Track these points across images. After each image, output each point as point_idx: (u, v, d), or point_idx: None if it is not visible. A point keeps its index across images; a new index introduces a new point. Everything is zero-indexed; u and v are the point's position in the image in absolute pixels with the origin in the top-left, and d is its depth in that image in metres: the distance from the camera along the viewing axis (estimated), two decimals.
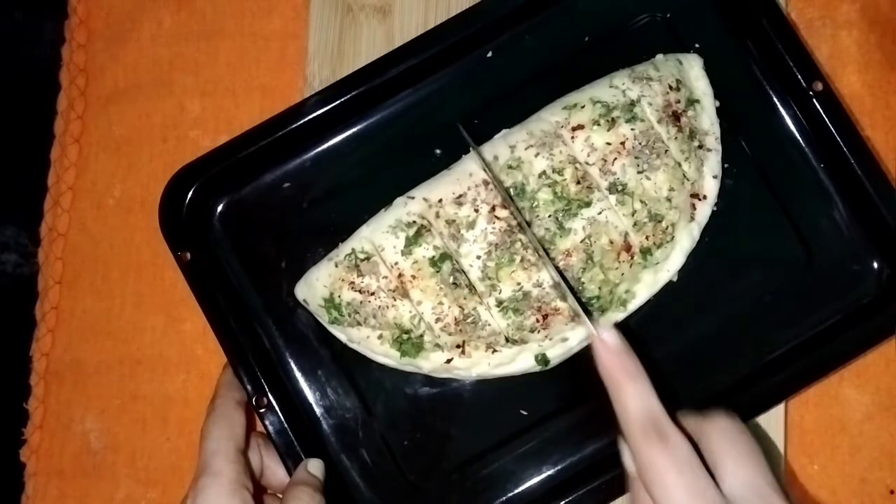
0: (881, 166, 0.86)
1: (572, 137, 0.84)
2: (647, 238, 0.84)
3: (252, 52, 1.01)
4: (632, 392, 0.66)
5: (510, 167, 0.84)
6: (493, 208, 0.83)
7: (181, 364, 0.97)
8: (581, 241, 0.82)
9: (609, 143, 0.84)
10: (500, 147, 0.86)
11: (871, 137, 0.92)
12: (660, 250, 0.85)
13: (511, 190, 0.83)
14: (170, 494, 0.96)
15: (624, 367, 0.68)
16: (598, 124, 0.84)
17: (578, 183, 0.83)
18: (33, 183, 1.01)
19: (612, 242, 0.83)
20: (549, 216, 0.83)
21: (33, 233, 1.01)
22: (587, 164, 0.84)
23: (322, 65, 0.99)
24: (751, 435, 0.69)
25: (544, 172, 0.83)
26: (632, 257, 0.84)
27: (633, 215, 0.83)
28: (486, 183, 0.84)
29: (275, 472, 0.87)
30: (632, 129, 0.84)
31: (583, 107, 0.86)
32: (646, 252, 0.84)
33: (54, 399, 0.98)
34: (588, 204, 0.83)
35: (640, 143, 0.84)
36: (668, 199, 0.84)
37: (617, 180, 0.83)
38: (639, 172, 0.83)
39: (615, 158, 0.84)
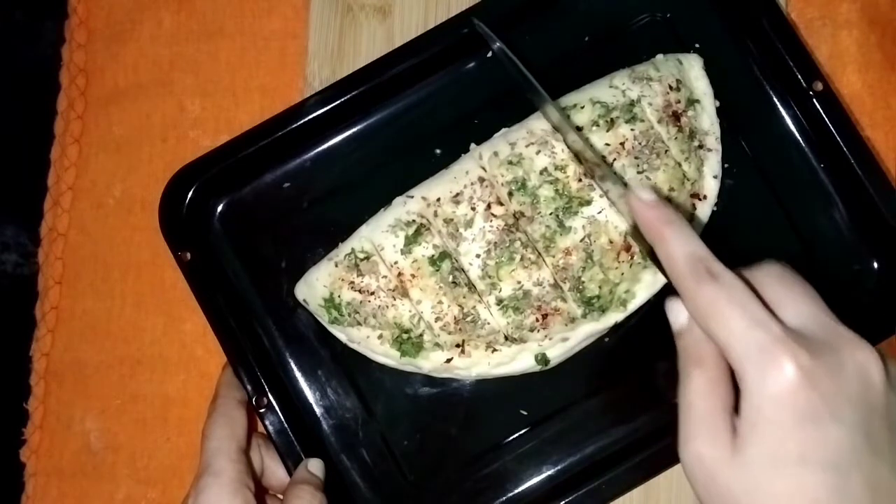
0: (881, 166, 0.86)
1: None
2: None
3: (252, 52, 1.00)
4: (676, 237, 0.64)
5: (510, 163, 0.84)
6: (489, 206, 0.83)
7: (181, 364, 0.97)
8: (581, 240, 0.82)
9: (608, 144, 0.84)
10: (499, 144, 0.86)
11: (871, 137, 0.92)
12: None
13: (512, 185, 0.83)
14: (170, 494, 0.96)
15: (665, 217, 0.65)
16: (598, 125, 0.84)
17: (580, 181, 0.83)
18: (33, 183, 1.00)
19: (611, 242, 0.83)
20: (551, 213, 0.83)
21: (33, 233, 1.01)
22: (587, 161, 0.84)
23: (322, 65, 0.99)
24: (804, 279, 0.67)
25: (545, 169, 0.83)
26: (632, 257, 0.84)
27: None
28: (481, 180, 0.84)
29: (275, 472, 0.87)
30: (631, 130, 0.84)
31: (582, 107, 0.86)
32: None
33: (54, 399, 0.98)
34: (589, 202, 0.83)
35: (639, 144, 0.84)
36: (669, 199, 0.84)
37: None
38: (639, 172, 0.83)
39: (615, 159, 0.84)
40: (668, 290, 0.86)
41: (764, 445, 0.59)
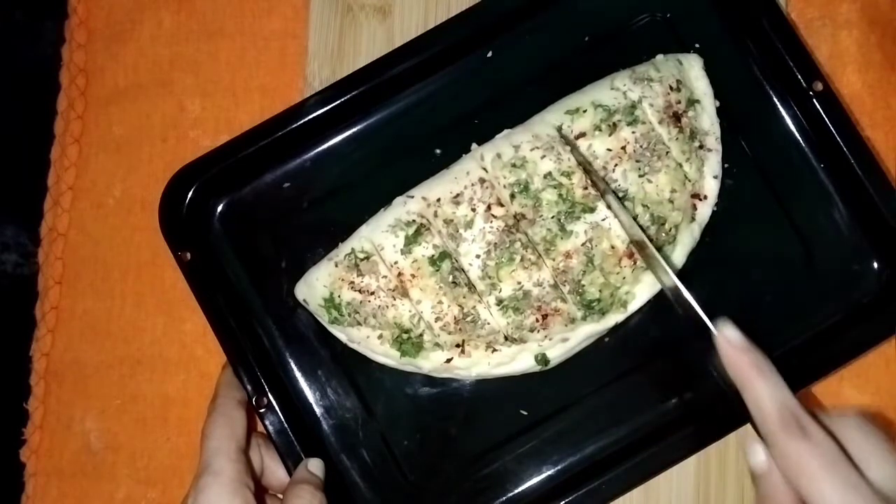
0: (881, 166, 0.86)
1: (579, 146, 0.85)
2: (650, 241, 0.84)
3: (252, 52, 1.01)
4: (765, 387, 0.65)
5: (514, 165, 0.84)
6: (490, 207, 0.83)
7: (181, 364, 0.97)
8: (582, 244, 0.82)
9: (610, 150, 0.84)
10: (502, 146, 0.86)
11: (871, 137, 0.92)
12: (661, 252, 0.84)
13: (514, 187, 0.83)
14: (170, 494, 0.96)
15: (754, 363, 0.66)
16: (600, 129, 0.84)
17: (585, 188, 0.83)
18: (33, 183, 1.01)
19: (613, 248, 0.83)
20: (553, 217, 0.82)
21: (33, 233, 1.01)
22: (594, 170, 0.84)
23: (322, 65, 0.99)
24: (882, 432, 0.68)
25: (550, 174, 0.83)
26: (634, 263, 0.84)
27: (635, 220, 0.83)
28: (482, 181, 0.84)
29: (274, 472, 0.87)
30: (633, 133, 0.84)
31: (584, 111, 0.86)
32: None
33: (54, 399, 0.98)
34: (592, 210, 0.82)
35: (640, 147, 0.84)
36: (671, 201, 0.84)
37: (618, 187, 0.83)
38: (640, 176, 0.83)
39: (616, 164, 0.84)
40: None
41: None
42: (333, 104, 0.91)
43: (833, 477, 0.61)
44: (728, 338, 0.67)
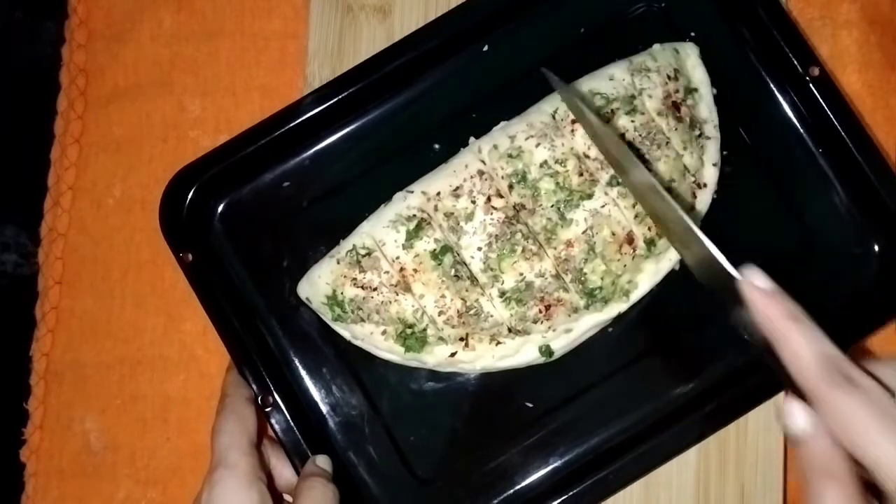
0: (879, 150, 0.87)
1: (572, 131, 0.85)
2: (649, 229, 0.84)
3: (252, 52, 1.01)
4: (803, 336, 0.58)
5: (510, 156, 0.84)
6: (489, 199, 0.83)
7: (181, 364, 0.97)
8: (583, 232, 0.83)
9: None
10: (499, 137, 0.86)
11: None
12: (662, 240, 0.84)
13: (512, 178, 0.84)
14: (170, 494, 0.95)
15: (788, 311, 0.59)
16: (598, 117, 0.84)
17: (581, 175, 0.83)
18: (33, 183, 1.00)
19: (613, 234, 0.83)
20: (552, 206, 0.83)
21: (33, 233, 1.00)
22: (586, 157, 0.84)
23: (322, 65, 0.99)
24: None
25: (546, 162, 0.83)
26: (634, 250, 0.84)
27: (633, 207, 0.83)
28: (480, 174, 0.85)
29: (281, 473, 0.87)
30: (631, 122, 0.84)
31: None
32: (649, 243, 0.84)
33: (54, 399, 0.97)
34: (590, 196, 0.83)
35: (639, 136, 0.84)
36: (670, 190, 0.84)
37: (615, 175, 0.83)
38: None
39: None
40: (671, 280, 0.87)
41: None
42: (331, 102, 0.91)
43: (884, 426, 0.55)
44: (757, 284, 0.61)
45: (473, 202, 0.84)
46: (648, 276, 0.87)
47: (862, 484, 0.57)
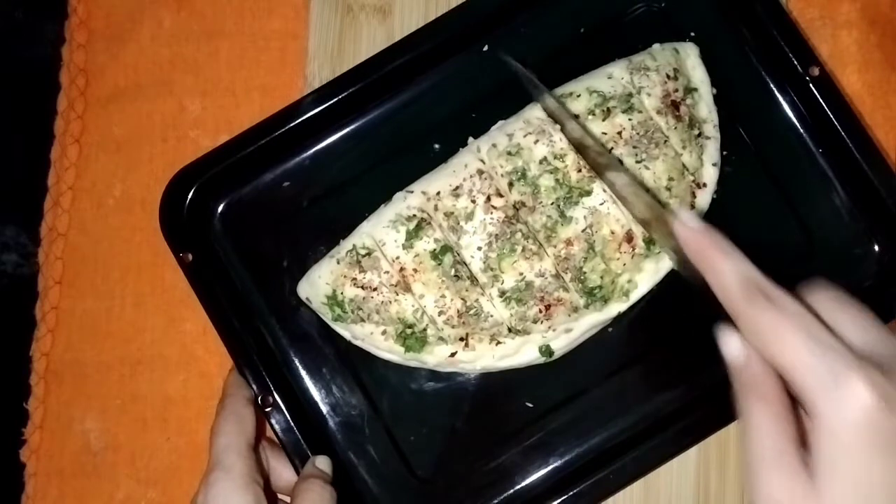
0: (880, 149, 0.87)
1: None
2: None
3: (252, 52, 1.01)
4: (726, 263, 0.61)
5: (510, 153, 0.84)
6: (489, 198, 0.83)
7: (181, 364, 0.97)
8: (582, 231, 0.83)
9: (605, 133, 0.84)
10: (497, 136, 0.86)
11: None
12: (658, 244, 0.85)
13: (512, 176, 0.84)
14: (170, 494, 0.95)
15: (713, 242, 0.63)
16: (594, 114, 0.85)
17: (579, 171, 0.83)
18: (33, 183, 1.00)
19: (612, 233, 0.83)
20: (552, 203, 0.83)
21: (33, 233, 1.00)
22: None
23: (322, 65, 0.99)
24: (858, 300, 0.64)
25: (545, 159, 0.83)
26: (633, 249, 0.84)
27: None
28: (480, 173, 0.85)
29: (280, 474, 0.87)
30: (629, 120, 0.84)
31: (578, 96, 0.86)
32: (649, 242, 0.84)
33: (54, 399, 0.97)
34: (589, 193, 0.83)
35: (637, 134, 0.84)
36: (668, 189, 0.85)
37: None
38: (637, 162, 0.84)
39: (612, 148, 0.84)
40: (672, 279, 0.87)
41: (846, 481, 0.54)
42: (331, 102, 0.91)
43: (806, 338, 0.56)
44: (686, 222, 0.65)
45: (473, 202, 0.84)
46: (648, 275, 0.87)
47: (790, 403, 0.59)
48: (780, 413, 0.59)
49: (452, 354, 0.86)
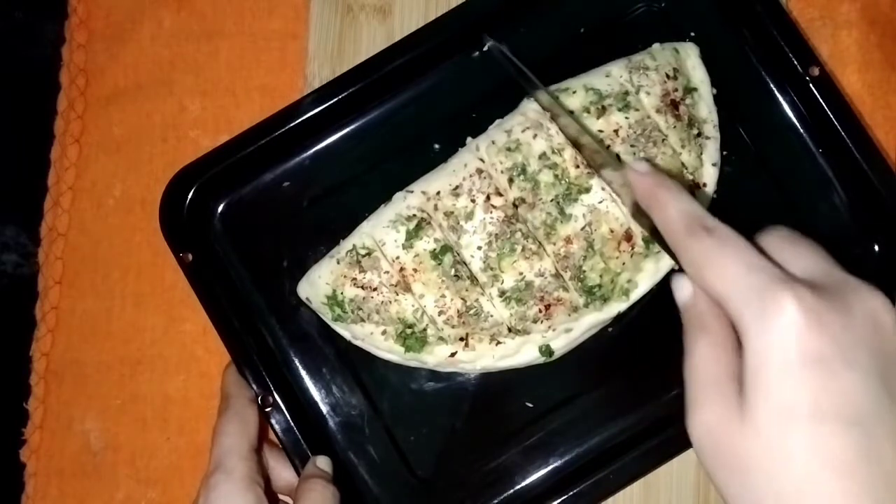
0: (880, 149, 0.87)
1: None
2: None
3: (252, 52, 1.01)
4: (670, 200, 0.62)
5: (509, 149, 0.84)
6: (489, 197, 0.83)
7: (181, 364, 0.97)
8: (582, 229, 0.82)
9: (601, 131, 0.84)
10: (496, 133, 0.86)
11: None
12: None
13: (512, 171, 0.83)
14: (170, 494, 0.95)
15: (659, 182, 0.64)
16: (588, 111, 0.84)
17: (577, 167, 0.83)
18: (33, 183, 1.00)
19: (612, 231, 0.83)
20: (551, 200, 0.83)
21: (33, 233, 1.00)
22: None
23: (322, 65, 0.99)
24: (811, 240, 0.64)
25: (544, 153, 0.83)
26: (632, 248, 0.84)
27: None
28: (479, 172, 0.85)
29: (280, 474, 0.87)
30: (626, 118, 0.84)
31: (574, 92, 0.86)
32: (648, 241, 0.84)
33: (54, 399, 0.97)
34: (587, 189, 0.83)
35: (634, 132, 0.84)
36: None
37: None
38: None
39: (608, 146, 0.84)
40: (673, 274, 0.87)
41: (771, 399, 0.54)
42: (331, 102, 0.91)
43: (736, 260, 0.57)
44: (635, 168, 0.66)
45: (473, 201, 0.84)
46: (648, 275, 0.87)
47: (732, 336, 0.59)
48: (719, 343, 0.59)
49: (452, 354, 0.86)
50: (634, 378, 0.89)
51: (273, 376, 0.88)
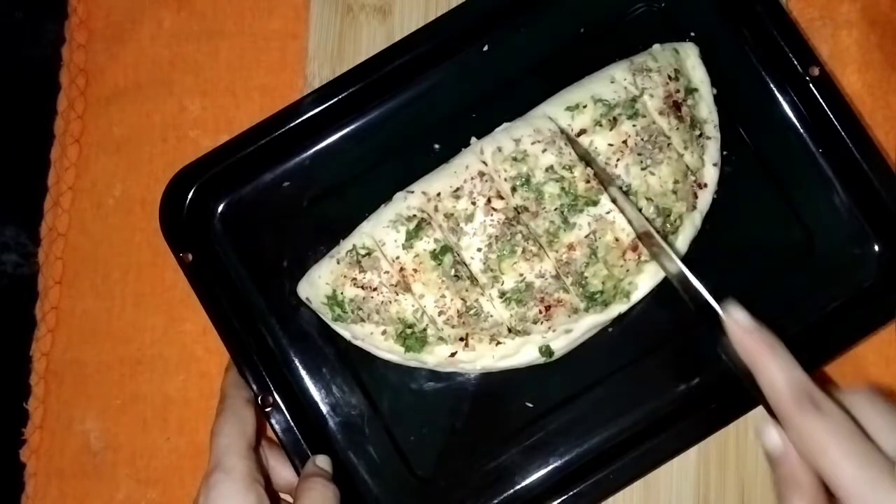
0: (880, 149, 0.87)
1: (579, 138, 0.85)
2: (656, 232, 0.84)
3: (252, 52, 1.01)
4: (777, 366, 0.65)
5: (514, 159, 0.84)
6: (489, 200, 0.83)
7: (181, 364, 0.97)
8: (585, 236, 0.82)
9: (612, 145, 0.84)
10: (502, 140, 0.86)
11: None
12: (665, 241, 0.84)
13: (516, 181, 0.83)
14: (170, 494, 0.95)
15: (764, 343, 0.66)
16: (601, 125, 0.85)
17: (587, 182, 0.82)
18: (33, 183, 1.00)
19: (617, 240, 0.83)
20: (555, 209, 0.82)
21: (33, 233, 1.00)
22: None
23: (322, 65, 0.99)
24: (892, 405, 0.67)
25: (552, 167, 0.83)
26: (639, 257, 0.83)
27: (640, 212, 0.83)
28: (481, 175, 0.84)
29: (280, 473, 0.87)
30: (633, 126, 0.84)
31: (584, 107, 0.86)
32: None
33: (54, 399, 0.97)
34: (595, 203, 0.82)
35: (641, 139, 0.84)
36: (674, 192, 0.85)
37: (621, 182, 0.84)
38: (642, 169, 0.84)
39: (618, 159, 0.84)
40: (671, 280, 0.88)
41: None
42: (331, 102, 0.91)
43: (850, 452, 0.60)
44: (737, 319, 0.68)
45: (473, 203, 0.84)
46: (649, 276, 0.87)
47: (826, 496, 0.64)
48: (813, 499, 0.63)
49: (452, 354, 0.86)
50: (634, 377, 0.89)
51: (273, 376, 0.88)
